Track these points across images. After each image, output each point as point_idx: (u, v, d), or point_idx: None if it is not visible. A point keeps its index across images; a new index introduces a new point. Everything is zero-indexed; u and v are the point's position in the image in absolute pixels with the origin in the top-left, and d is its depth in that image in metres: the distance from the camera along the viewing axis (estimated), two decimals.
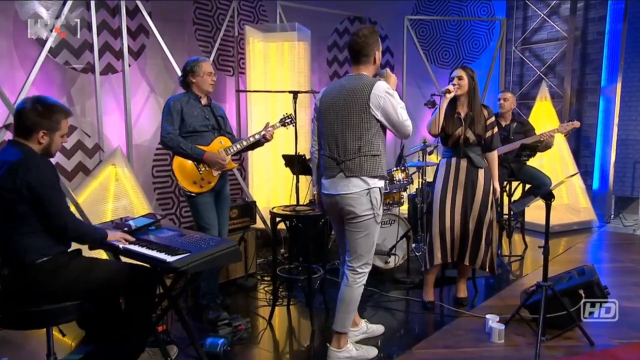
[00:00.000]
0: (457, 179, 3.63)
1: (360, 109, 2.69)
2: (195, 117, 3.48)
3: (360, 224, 2.76)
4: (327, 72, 6.84)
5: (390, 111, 2.68)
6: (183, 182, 3.46)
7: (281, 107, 5.41)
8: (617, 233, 6.32)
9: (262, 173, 5.71)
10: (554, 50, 7.42)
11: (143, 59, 4.91)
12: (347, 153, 2.72)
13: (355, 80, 2.73)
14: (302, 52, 5.65)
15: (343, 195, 2.74)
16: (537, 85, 7.45)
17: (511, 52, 7.78)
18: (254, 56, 5.57)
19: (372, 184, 2.74)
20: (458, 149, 3.62)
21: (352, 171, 2.71)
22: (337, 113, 2.76)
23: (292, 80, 5.61)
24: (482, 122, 3.59)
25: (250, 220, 4.59)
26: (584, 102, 7.19)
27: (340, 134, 2.74)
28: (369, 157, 2.72)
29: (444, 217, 3.64)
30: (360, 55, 2.75)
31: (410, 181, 4.97)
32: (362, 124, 2.70)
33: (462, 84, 3.57)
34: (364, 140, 2.71)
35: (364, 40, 2.72)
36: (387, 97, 2.68)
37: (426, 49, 7.57)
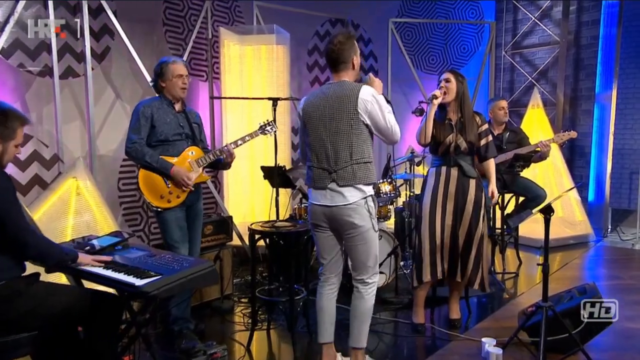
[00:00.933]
0: (447, 189, 3.62)
1: (349, 115, 2.76)
2: (168, 124, 3.41)
3: (360, 236, 2.83)
4: (308, 78, 6.82)
5: (378, 116, 2.76)
6: (149, 196, 3.37)
7: (259, 115, 5.36)
8: (615, 248, 6.37)
9: (238, 186, 5.66)
10: (546, 55, 7.50)
11: (108, 62, 4.82)
12: (338, 162, 2.79)
13: (339, 87, 2.80)
14: (280, 56, 5.64)
15: (341, 207, 2.80)
16: (529, 91, 7.51)
17: (501, 57, 7.85)
18: (229, 60, 5.55)
19: (368, 192, 2.82)
20: (448, 157, 3.62)
21: (346, 180, 2.78)
22: (323, 122, 2.81)
23: (270, 86, 5.59)
24: (474, 128, 3.60)
25: (226, 237, 4.52)
26: (577, 109, 7.28)
27: (330, 143, 2.80)
28: (361, 164, 2.80)
29: (434, 231, 3.63)
30: (338, 62, 2.84)
31: (397, 194, 4.96)
32: (351, 130, 2.77)
33: (451, 87, 3.57)
34: (354, 147, 2.78)
35: (339, 48, 2.81)
36: (374, 101, 2.75)
37: (412, 53, 7.60)
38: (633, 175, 6.97)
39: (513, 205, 5.41)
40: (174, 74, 3.42)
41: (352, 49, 2.85)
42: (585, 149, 7.20)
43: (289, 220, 3.84)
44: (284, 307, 3.79)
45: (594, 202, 7.14)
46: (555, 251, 6.08)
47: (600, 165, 7.05)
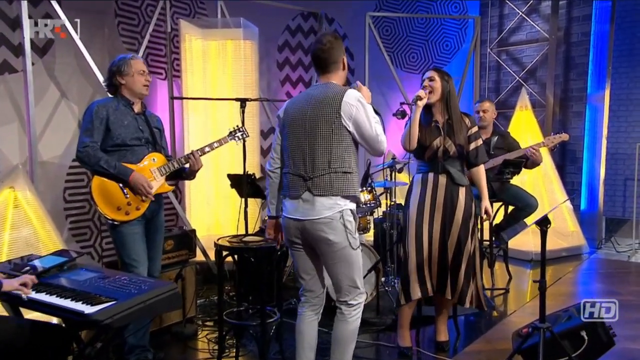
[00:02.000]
0: (434, 199, 3.60)
1: (330, 118, 2.76)
2: (126, 126, 3.31)
3: (336, 254, 2.80)
4: (278, 76, 6.77)
5: (363, 122, 2.76)
6: (104, 207, 3.25)
7: (225, 117, 5.28)
8: (610, 260, 6.43)
9: (201, 196, 5.57)
10: (534, 52, 7.58)
11: (51, 57, 4.67)
12: (315, 169, 2.78)
13: (323, 89, 2.84)
14: (248, 53, 5.57)
15: (314, 221, 2.77)
16: (516, 92, 7.57)
17: (486, 54, 7.91)
18: (191, 56, 5.46)
19: (344, 205, 2.78)
20: (436, 163, 3.61)
21: (321, 189, 2.77)
22: (304, 125, 2.83)
23: (237, 86, 5.52)
24: (463, 131, 3.60)
25: (189, 253, 4.43)
26: (568, 111, 7.36)
27: (308, 147, 2.81)
28: (339, 174, 2.78)
29: (422, 245, 3.60)
30: (329, 62, 2.88)
31: (377, 204, 4.91)
32: (332, 135, 2.77)
33: (435, 87, 3.57)
34: (334, 154, 2.77)
35: (329, 47, 2.85)
36: (360, 107, 2.76)
37: (391, 50, 7.61)
38: (628, 182, 7.06)
39: (502, 215, 5.41)
40: (136, 70, 3.35)
41: (341, 49, 2.90)
42: (576, 154, 7.28)
43: (259, 234, 3.75)
44: (255, 332, 3.69)
45: (587, 210, 7.22)
46: (547, 264, 5.84)
47: (593, 171, 7.13)
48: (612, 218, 7.19)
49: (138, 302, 2.25)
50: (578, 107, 7.26)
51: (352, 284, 2.86)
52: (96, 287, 2.40)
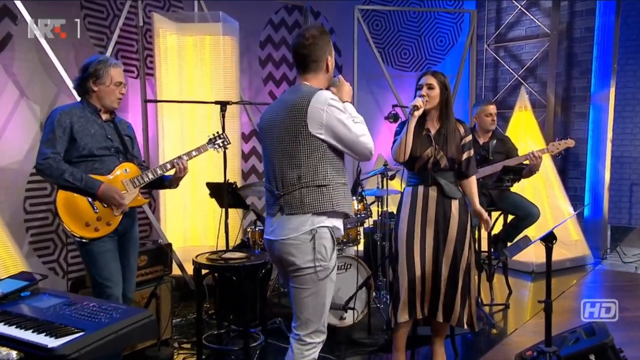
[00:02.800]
0: (425, 213, 3.58)
1: (296, 128, 2.65)
2: (93, 135, 3.25)
3: (302, 278, 2.69)
4: (260, 74, 6.73)
5: (338, 127, 2.64)
6: (71, 224, 3.18)
7: (203, 119, 5.25)
8: (616, 272, 6.44)
9: (177, 206, 5.53)
10: (534, 49, 7.59)
11: (9, 52, 4.59)
12: (285, 185, 2.70)
13: (292, 94, 2.74)
14: (228, 49, 5.53)
15: (282, 242, 2.69)
16: (515, 91, 7.58)
17: (483, 51, 7.92)
18: (166, 53, 5.41)
19: (318, 223, 2.66)
20: (426, 175, 3.59)
21: (292, 207, 2.67)
22: (273, 135, 2.76)
23: (216, 84, 5.49)
24: (456, 141, 3.58)
25: (164, 269, 4.36)
26: (570, 112, 7.38)
27: (277, 161, 2.74)
28: (311, 188, 2.67)
29: (413, 263, 3.56)
30: (308, 59, 2.74)
31: (368, 214, 4.89)
32: (299, 147, 2.66)
33: (433, 95, 3.53)
34: (304, 167, 2.67)
35: (312, 42, 2.72)
36: (331, 110, 2.63)
37: (381, 46, 7.57)
38: (634, 187, 7.10)
39: (501, 224, 5.39)
40: (114, 81, 3.28)
41: (327, 46, 2.76)
42: (579, 157, 7.30)
43: (241, 249, 3.71)
44: (237, 357, 3.62)
45: (591, 217, 7.23)
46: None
47: (597, 176, 7.14)
48: (618, 226, 7.22)
49: (109, 333, 2.16)
50: (581, 108, 7.28)
51: (310, 317, 2.73)
52: (61, 315, 2.30)
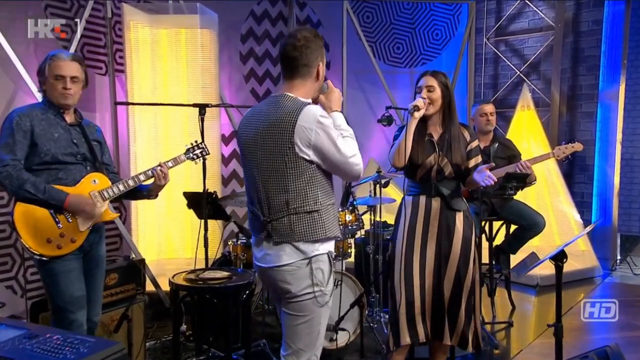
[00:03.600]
0: (426, 225, 3.57)
1: (282, 149, 2.61)
2: (57, 140, 3.18)
3: (298, 304, 2.69)
4: (241, 70, 6.72)
5: (328, 148, 2.61)
6: (30, 240, 3.11)
7: (179, 121, 5.27)
8: (627, 285, 6.43)
9: (151, 216, 5.53)
10: (538, 43, 7.58)
11: None
12: (272, 210, 2.67)
13: (274, 106, 2.68)
14: (207, 43, 5.57)
15: (276, 269, 2.68)
16: (516, 89, 7.57)
17: (482, 45, 7.91)
18: (137, 48, 5.41)
19: (313, 252, 2.66)
20: (429, 185, 3.57)
21: (281, 235, 2.66)
22: (255, 153, 2.71)
23: (193, 83, 5.53)
24: (461, 147, 3.57)
25: (137, 287, 4.31)
26: (577, 111, 7.38)
27: (261, 182, 2.70)
28: (301, 215, 2.64)
29: (411, 281, 3.55)
30: (298, 64, 2.68)
31: (360, 225, 4.87)
32: (286, 170, 2.62)
33: (434, 98, 3.52)
34: (292, 192, 2.64)
35: (304, 44, 2.66)
36: (321, 129, 2.58)
37: (372, 40, 7.55)
38: None
39: (503, 235, 5.39)
40: (53, 73, 3.19)
41: (319, 51, 2.70)
42: (587, 161, 7.29)
43: (222, 267, 3.65)
44: None
45: (599, 225, 7.21)
46: (554, 290, 6.03)
47: (606, 181, 7.15)
48: (628, 235, 7.23)
49: None
50: (588, 107, 7.28)
51: (304, 347, 2.73)
52: (21, 351, 2.21)
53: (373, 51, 7.41)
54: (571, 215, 6.87)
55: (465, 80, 7.68)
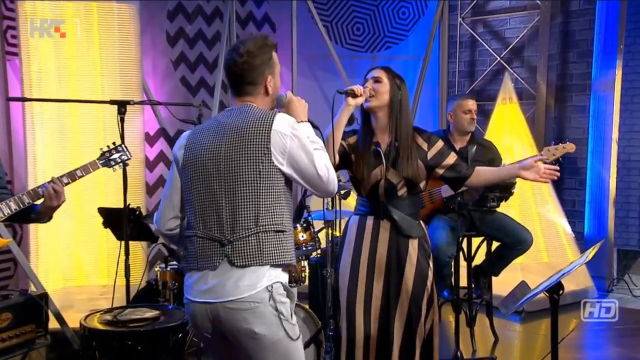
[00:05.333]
0: (373, 254, 3.61)
1: (256, 156, 2.68)
2: None
3: (268, 350, 2.68)
4: (169, 55, 6.74)
5: (302, 159, 2.71)
6: None
7: (91, 117, 5.24)
8: (627, 310, 6.42)
9: (54, 236, 5.48)
10: (521, 24, 7.61)
11: None
12: (236, 228, 2.68)
13: (240, 116, 2.77)
14: (126, 21, 5.60)
15: (229, 305, 2.64)
16: (497, 78, 7.63)
17: (456, 26, 7.90)
18: (36, 25, 5.31)
19: (275, 278, 2.69)
20: (377, 203, 3.61)
21: (246, 257, 2.66)
22: (217, 166, 2.73)
23: (109, 70, 5.52)
24: (413, 157, 3.58)
25: (37, 328, 4.23)
26: (566, 104, 7.43)
27: (226, 198, 2.71)
28: (271, 233, 2.69)
29: (353, 320, 3.61)
30: (243, 82, 2.82)
31: (317, 245, 4.90)
32: (259, 180, 2.68)
33: (380, 90, 3.56)
34: (264, 207, 2.69)
35: (246, 61, 2.77)
36: (296, 137, 2.71)
37: (327, 20, 7.56)
38: None
39: (484, 253, 5.39)
40: None
41: (267, 65, 2.81)
42: (578, 163, 7.34)
43: (147, 304, 3.66)
44: None
45: (591, 237, 7.27)
46: (540, 316, 6.06)
47: (600, 186, 7.19)
48: (626, 250, 7.29)
49: None
50: (580, 99, 7.33)
51: None
52: None
53: (328, 32, 7.43)
54: (561, 226, 6.90)
55: (437, 67, 7.74)
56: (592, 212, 7.28)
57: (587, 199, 7.31)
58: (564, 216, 6.92)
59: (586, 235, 7.30)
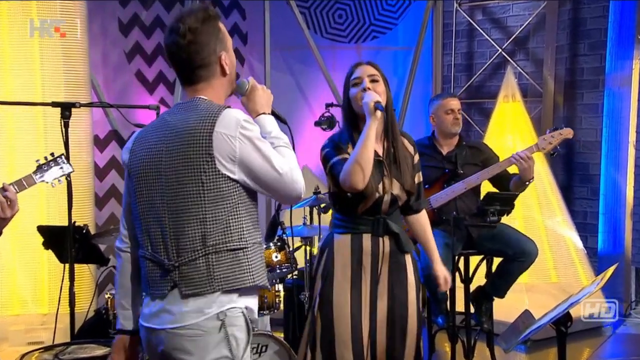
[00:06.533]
0: (375, 277, 3.63)
1: (197, 164, 2.58)
2: None
3: None
4: (122, 45, 6.75)
5: (258, 162, 2.60)
6: None
7: (28, 121, 5.24)
8: None
9: None
10: (526, 11, 7.64)
11: None
12: (181, 251, 2.61)
13: (184, 114, 2.68)
14: (70, 7, 5.56)
15: (173, 333, 2.59)
16: (498, 72, 7.65)
17: (452, 13, 7.92)
18: None
19: (228, 304, 2.61)
20: (376, 220, 3.61)
21: (194, 284, 2.59)
22: (158, 176, 2.66)
23: (49, 65, 5.47)
24: (409, 165, 3.68)
25: None
26: (576, 103, 7.44)
27: (168, 215, 2.64)
28: (222, 254, 2.60)
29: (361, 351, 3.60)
30: (192, 67, 2.71)
31: (293, 266, 4.92)
32: (203, 193, 2.58)
33: (381, 92, 3.58)
34: (210, 223, 2.59)
35: (191, 40, 2.64)
36: (246, 138, 2.58)
37: (305, 6, 7.55)
38: None
39: (483, 273, 5.37)
40: None
41: (217, 39, 2.68)
42: (590, 169, 7.37)
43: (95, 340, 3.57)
44: None
45: (606, 253, 7.28)
46: (548, 345, 6.04)
47: (616, 195, 7.20)
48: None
49: None
50: (592, 97, 7.35)
51: None
52: None
53: (306, 20, 7.42)
54: (571, 241, 6.92)
55: (430, 60, 7.75)
56: (607, 225, 7.26)
57: (600, 210, 7.29)
58: (575, 230, 6.93)
59: (600, 251, 7.30)
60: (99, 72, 6.30)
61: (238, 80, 2.84)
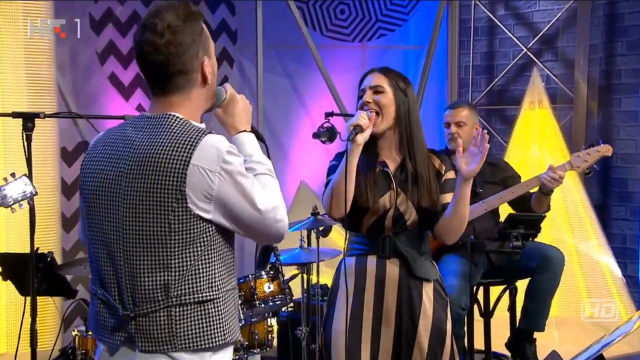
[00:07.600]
0: (379, 304, 3.63)
1: (165, 201, 2.43)
2: None
3: None
4: (94, 45, 6.81)
5: (238, 202, 2.47)
6: None
7: None
8: None
9: None
10: (555, 7, 7.65)
11: None
12: (138, 300, 2.48)
13: (155, 131, 2.51)
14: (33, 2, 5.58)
15: None
16: (523, 75, 7.67)
17: (470, 8, 7.94)
18: None
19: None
20: (381, 239, 3.61)
21: (152, 340, 2.47)
22: (114, 210, 2.52)
23: (10, 68, 5.52)
24: (431, 181, 3.61)
25: None
26: (613, 110, 7.44)
27: (123, 255, 2.50)
28: (188, 306, 2.48)
29: None
30: (168, 73, 2.53)
31: (286, 298, 4.92)
32: (170, 235, 2.44)
33: (384, 104, 3.58)
34: (175, 270, 2.46)
35: (170, 40, 2.47)
36: (227, 174, 2.44)
37: (303, 1, 7.58)
38: None
39: (506, 305, 5.40)
40: None
41: (199, 40, 2.53)
42: (629, 185, 7.35)
43: None
44: None
45: None
46: None
47: None
48: None
49: None
50: (630, 103, 7.34)
51: None
52: None
53: (304, 16, 7.45)
54: (607, 268, 6.90)
55: (445, 61, 7.78)
56: None
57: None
58: (612, 255, 6.92)
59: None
60: (66, 76, 6.34)
61: (220, 87, 2.72)
